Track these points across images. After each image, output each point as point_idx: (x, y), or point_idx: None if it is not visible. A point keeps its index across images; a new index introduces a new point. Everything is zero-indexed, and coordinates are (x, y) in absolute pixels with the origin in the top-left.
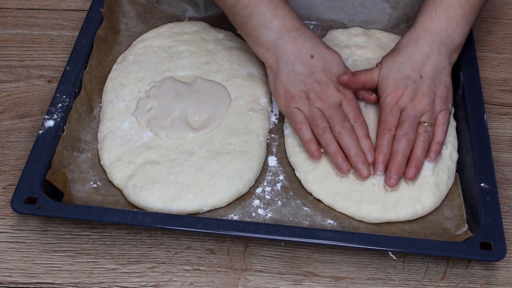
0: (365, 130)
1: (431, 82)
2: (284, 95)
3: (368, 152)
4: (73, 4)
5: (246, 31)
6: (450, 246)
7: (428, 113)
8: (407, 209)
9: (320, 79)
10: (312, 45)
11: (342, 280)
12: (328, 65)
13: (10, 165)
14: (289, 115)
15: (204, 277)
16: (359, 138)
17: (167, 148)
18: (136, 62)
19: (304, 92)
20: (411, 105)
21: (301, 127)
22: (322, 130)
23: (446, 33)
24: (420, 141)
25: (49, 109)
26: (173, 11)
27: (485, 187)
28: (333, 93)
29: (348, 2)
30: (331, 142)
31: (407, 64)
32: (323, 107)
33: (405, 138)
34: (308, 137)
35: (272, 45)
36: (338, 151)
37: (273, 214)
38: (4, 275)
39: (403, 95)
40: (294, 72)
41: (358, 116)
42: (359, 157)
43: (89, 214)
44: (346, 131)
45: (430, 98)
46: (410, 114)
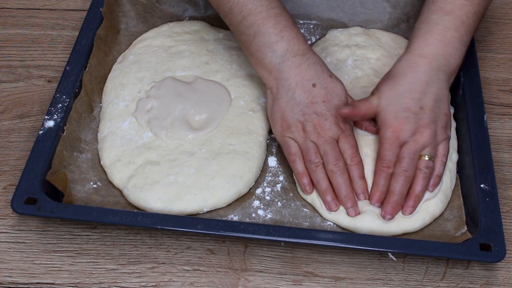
0: (360, 170)
1: (432, 113)
2: (281, 122)
3: (361, 194)
4: (73, 4)
5: (250, 50)
6: (450, 247)
7: (429, 146)
8: (416, 223)
9: (320, 111)
10: (316, 73)
11: (342, 280)
12: (329, 96)
13: (10, 165)
14: (284, 144)
15: (204, 277)
16: (353, 179)
17: (167, 149)
18: (136, 62)
19: (301, 123)
20: (412, 139)
21: (295, 159)
22: (315, 166)
23: (443, 58)
24: (421, 177)
25: (49, 109)
26: (173, 10)
27: (485, 188)
28: (331, 127)
29: (348, 2)
30: (322, 179)
31: (407, 95)
32: (319, 141)
33: (403, 177)
34: (301, 170)
35: (274, 69)
36: (328, 189)
37: (273, 215)
38: (4, 275)
39: (404, 129)
40: (293, 100)
41: (355, 155)
42: (348, 199)
43: (89, 215)
44: (339, 170)
45: (432, 130)
46: (411, 149)
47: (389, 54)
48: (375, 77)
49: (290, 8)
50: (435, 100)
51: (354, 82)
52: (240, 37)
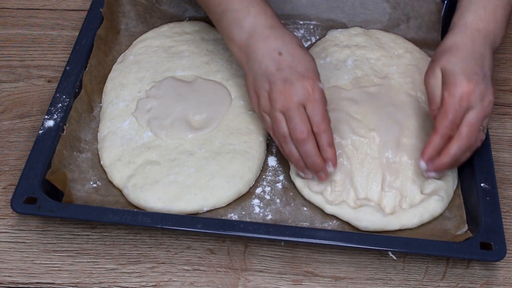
0: (328, 137)
1: (491, 83)
2: (253, 95)
3: (330, 161)
4: (73, 4)
5: (220, 28)
6: (450, 246)
7: (488, 117)
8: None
9: (285, 77)
10: (283, 43)
11: (342, 280)
12: (296, 61)
13: (10, 165)
14: (260, 118)
15: (204, 277)
16: (321, 147)
17: (167, 148)
18: (136, 62)
19: (267, 92)
20: (481, 106)
21: (272, 132)
22: (283, 138)
23: (493, 34)
24: (473, 150)
25: (49, 109)
26: (173, 11)
27: (485, 187)
28: (297, 91)
29: (348, 2)
30: (293, 149)
31: (471, 61)
32: (284, 108)
33: (466, 143)
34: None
35: (243, 44)
36: (299, 159)
37: (273, 214)
38: (4, 275)
39: (475, 91)
40: (260, 71)
41: (322, 122)
42: (316, 165)
43: (89, 214)
44: (303, 138)
45: (492, 100)
46: (479, 117)
47: (389, 54)
48: (375, 77)
49: (290, 8)
50: (491, 70)
51: (354, 82)
52: (211, 16)
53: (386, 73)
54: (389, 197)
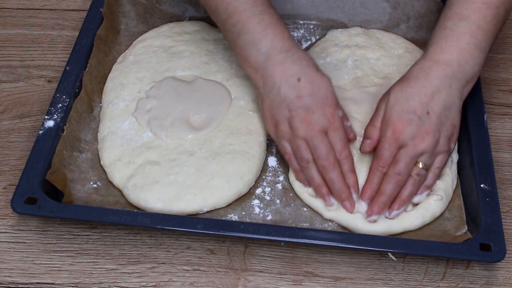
0: (350, 164)
1: (438, 120)
2: (270, 121)
3: (352, 188)
4: (73, 4)
5: (236, 49)
6: (450, 247)
7: (427, 154)
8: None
9: (306, 105)
10: (301, 68)
11: (342, 280)
12: (315, 88)
13: (10, 165)
14: (278, 143)
15: (204, 277)
16: (344, 173)
17: (167, 148)
18: (136, 62)
19: (288, 119)
20: (412, 143)
21: (290, 157)
22: (305, 162)
23: (458, 65)
24: (410, 183)
25: (49, 109)
26: (173, 11)
27: (485, 188)
28: (318, 120)
29: (348, 2)
30: (315, 175)
31: (415, 97)
32: (307, 136)
33: (395, 180)
34: (298, 167)
35: (260, 67)
36: (322, 184)
37: (273, 215)
38: (4, 275)
39: (405, 131)
40: (279, 97)
41: (344, 149)
42: (342, 192)
43: (89, 215)
44: (329, 165)
45: (434, 138)
46: (408, 153)
47: (389, 54)
48: (375, 77)
49: (290, 8)
50: (444, 107)
51: (354, 82)
52: (226, 34)
53: (386, 73)
54: None
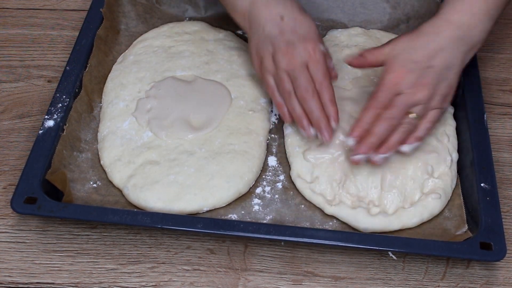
0: (330, 94)
1: (437, 76)
2: (256, 58)
3: (332, 118)
4: (73, 4)
5: (225, 3)
6: (450, 246)
7: (421, 106)
8: (414, 218)
9: (288, 40)
10: (284, 7)
11: (342, 280)
12: (298, 26)
13: (10, 165)
14: (262, 79)
15: (204, 277)
16: (324, 103)
17: (167, 148)
18: (136, 62)
19: (272, 54)
20: (409, 91)
21: (273, 91)
22: (288, 94)
23: (467, 28)
24: (400, 130)
25: (49, 109)
26: (173, 11)
27: (485, 187)
28: (299, 53)
29: (348, 2)
30: (296, 106)
31: (420, 50)
32: (289, 68)
33: (388, 123)
34: (279, 100)
35: (246, 11)
36: (302, 115)
37: (273, 214)
38: (4, 275)
39: (405, 78)
40: (264, 35)
41: (324, 80)
42: (321, 121)
43: (89, 214)
44: (308, 95)
45: (429, 91)
46: (404, 101)
47: None
48: (375, 77)
49: None
50: (445, 66)
51: (354, 82)
52: None
53: None
54: (390, 197)
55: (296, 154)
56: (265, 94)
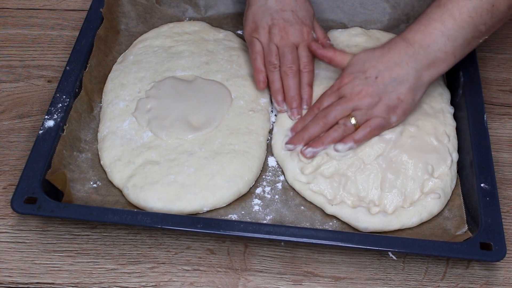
0: (310, 79)
1: (383, 87)
2: (251, 24)
3: (305, 101)
4: (73, 4)
5: None
6: (450, 247)
7: (361, 112)
8: (413, 218)
9: (287, 18)
10: None
11: (342, 280)
12: (298, 7)
13: (10, 165)
14: (250, 43)
15: (204, 277)
16: (302, 85)
17: (167, 148)
18: (136, 62)
19: (269, 26)
20: (349, 96)
21: (256, 56)
22: (273, 67)
23: (420, 46)
24: (334, 129)
25: (49, 109)
26: (173, 11)
27: (485, 187)
28: (294, 33)
29: (348, 2)
30: (277, 80)
31: (372, 61)
32: (280, 44)
33: (321, 122)
34: (259, 66)
35: None
36: (280, 90)
37: (273, 214)
38: (4, 275)
39: (347, 84)
40: (265, 6)
41: (308, 64)
42: (294, 100)
43: (89, 214)
44: (291, 73)
45: (372, 100)
46: (341, 103)
47: None
48: None
49: None
50: (394, 79)
51: None
52: None
53: None
54: (390, 197)
55: (284, 157)
56: (265, 94)
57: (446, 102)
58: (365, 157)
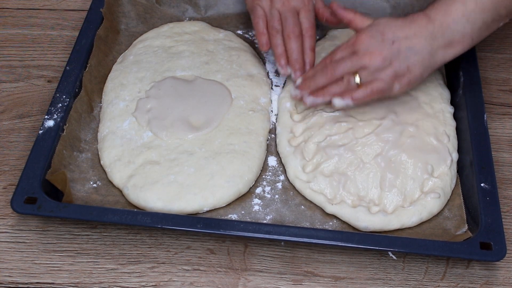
0: (312, 43)
1: (396, 53)
2: None
3: (308, 64)
4: (73, 4)
5: None
6: (450, 246)
7: (367, 72)
8: (413, 217)
9: None
10: None
11: (342, 280)
12: None
13: (10, 165)
14: (252, 10)
15: (204, 277)
16: (304, 49)
17: (167, 148)
18: (136, 62)
19: None
20: (361, 54)
21: (258, 21)
22: (275, 31)
23: (440, 24)
24: (336, 83)
25: (49, 109)
26: (173, 11)
27: (485, 187)
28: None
29: (348, 2)
30: (280, 45)
31: (392, 27)
32: (282, 9)
33: (329, 73)
34: (261, 30)
35: None
36: (283, 54)
37: (273, 214)
38: (4, 275)
39: (364, 42)
40: None
41: (310, 28)
42: (297, 62)
43: (89, 214)
44: (294, 36)
45: (382, 62)
46: (352, 59)
47: None
48: None
49: None
50: (410, 48)
51: None
52: None
53: None
54: (390, 197)
55: (287, 154)
56: (265, 94)
57: (446, 102)
58: (363, 156)
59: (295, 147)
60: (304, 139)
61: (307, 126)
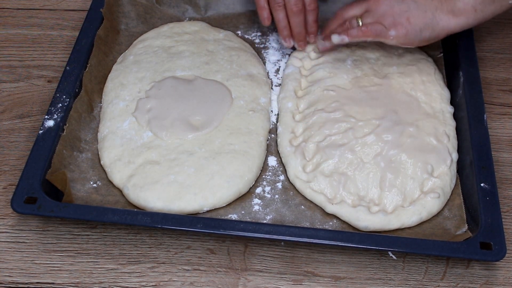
0: (315, 16)
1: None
2: None
3: (312, 35)
4: (73, 4)
5: None
6: (450, 246)
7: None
8: (412, 217)
9: None
10: None
11: (342, 280)
12: None
13: (10, 165)
14: None
15: (204, 277)
16: (308, 22)
17: (167, 148)
18: (136, 62)
19: None
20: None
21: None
22: (278, 5)
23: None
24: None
25: (49, 109)
26: (173, 11)
27: (485, 187)
28: None
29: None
30: (283, 18)
31: None
32: None
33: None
34: (262, 4)
35: None
36: (286, 27)
37: (273, 214)
38: (4, 275)
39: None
40: None
41: (313, 2)
42: (301, 35)
43: (89, 214)
44: (297, 10)
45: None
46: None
47: (388, 54)
48: (375, 77)
49: None
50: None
51: (353, 81)
52: None
53: (386, 73)
54: (390, 196)
55: (288, 153)
56: (265, 94)
57: (446, 102)
58: (363, 156)
59: (296, 147)
60: (304, 139)
61: (307, 126)
